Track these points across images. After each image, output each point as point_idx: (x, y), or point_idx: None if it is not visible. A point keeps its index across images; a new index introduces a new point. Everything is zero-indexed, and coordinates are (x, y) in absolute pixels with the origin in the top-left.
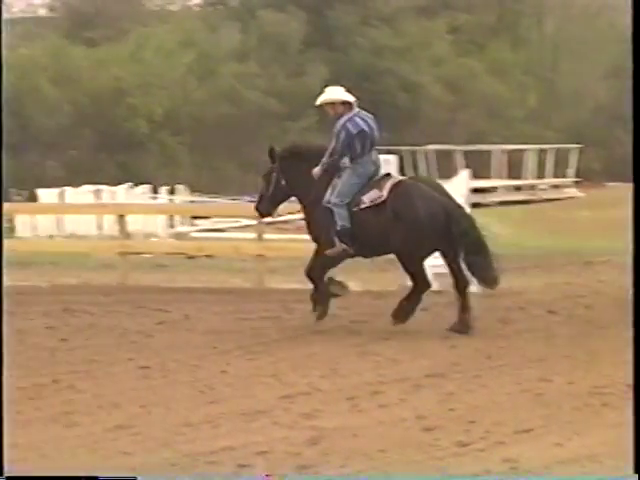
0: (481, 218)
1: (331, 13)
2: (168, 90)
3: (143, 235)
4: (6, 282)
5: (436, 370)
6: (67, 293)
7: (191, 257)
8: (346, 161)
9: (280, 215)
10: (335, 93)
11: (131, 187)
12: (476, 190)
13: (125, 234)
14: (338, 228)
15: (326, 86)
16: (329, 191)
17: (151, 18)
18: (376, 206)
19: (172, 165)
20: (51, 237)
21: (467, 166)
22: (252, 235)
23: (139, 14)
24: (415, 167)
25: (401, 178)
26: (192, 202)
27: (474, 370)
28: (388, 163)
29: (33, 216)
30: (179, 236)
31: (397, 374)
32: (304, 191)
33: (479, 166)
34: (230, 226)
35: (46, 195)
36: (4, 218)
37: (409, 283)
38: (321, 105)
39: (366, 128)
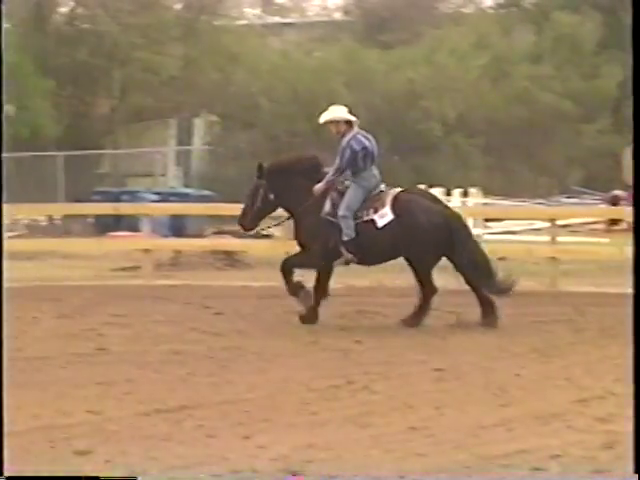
0: None
1: (626, 14)
2: (461, 93)
3: None
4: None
5: None
6: (361, 295)
7: None
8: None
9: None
10: (339, 112)
11: None
12: None
13: None
14: (345, 239)
15: (331, 105)
16: (328, 204)
17: (445, 21)
18: (380, 219)
19: (465, 168)
20: None
21: None
22: (545, 238)
23: (433, 17)
24: None
25: (398, 191)
26: (485, 204)
27: None
28: None
29: None
30: None
31: None
32: (294, 202)
33: None
34: (523, 229)
35: None
36: None
37: None
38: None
39: (368, 145)
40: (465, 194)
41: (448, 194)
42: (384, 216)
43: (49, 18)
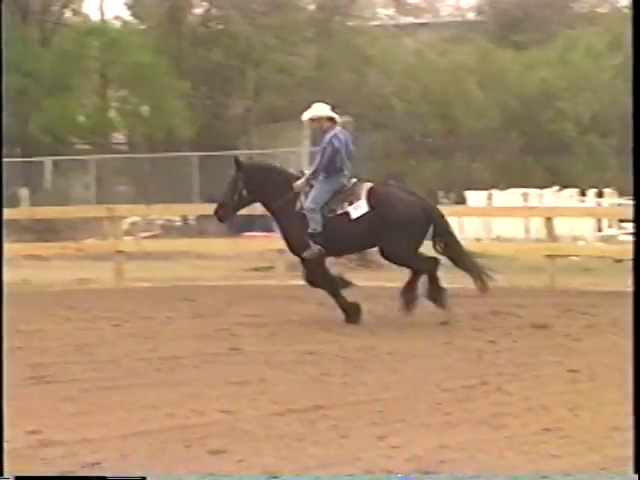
0: None
1: None
2: (596, 93)
3: (571, 238)
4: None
5: None
6: (495, 295)
7: (619, 261)
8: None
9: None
10: (322, 109)
11: (558, 190)
12: None
13: (553, 237)
14: (311, 231)
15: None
16: (302, 198)
17: (579, 21)
18: (355, 211)
19: (599, 168)
20: (478, 240)
21: None
22: None
23: (566, 17)
24: None
25: (371, 184)
26: (620, 205)
27: None
28: None
29: (460, 218)
30: (607, 239)
31: None
32: (272, 198)
33: None
34: None
35: (474, 197)
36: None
37: None
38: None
39: (348, 144)
40: (600, 195)
41: (582, 194)
42: (358, 208)
43: (184, 20)
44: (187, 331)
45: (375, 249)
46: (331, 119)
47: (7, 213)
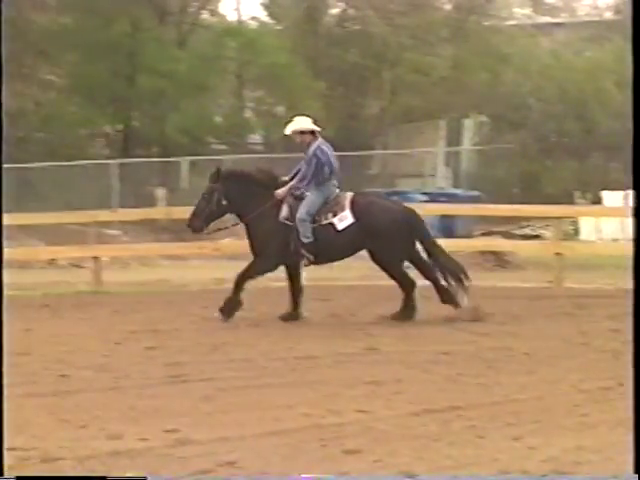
0: None
1: None
2: None
3: None
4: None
5: None
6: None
7: None
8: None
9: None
10: (304, 123)
11: None
12: None
13: None
14: (305, 241)
15: (294, 116)
16: (285, 209)
17: None
18: (340, 222)
19: None
20: (615, 240)
21: None
22: None
23: None
24: None
25: (353, 194)
26: None
27: None
28: None
29: (597, 219)
30: None
31: None
32: (248, 208)
33: None
34: None
35: (610, 198)
36: (569, 220)
37: None
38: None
39: (331, 156)
40: None
41: None
42: (344, 219)
43: (320, 20)
44: (323, 331)
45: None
46: (313, 132)
47: (144, 213)
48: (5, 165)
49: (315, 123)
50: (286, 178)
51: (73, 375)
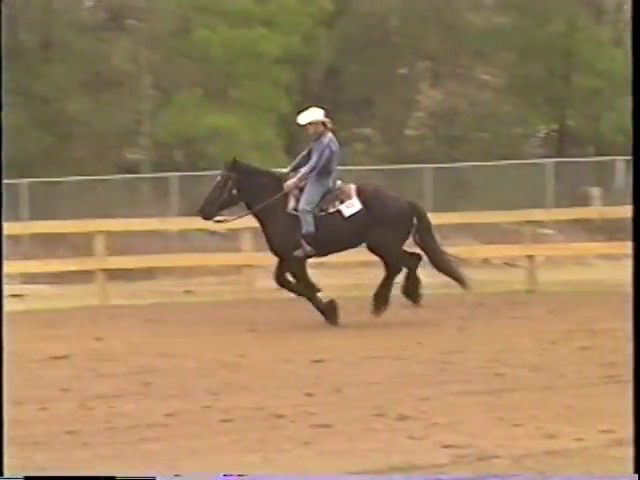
0: None
1: None
2: None
3: None
4: None
5: None
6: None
7: None
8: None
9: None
10: (318, 114)
11: None
12: None
13: None
14: (304, 232)
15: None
16: (292, 200)
17: None
18: (347, 209)
19: None
20: None
21: None
22: None
23: None
24: None
25: (355, 184)
26: None
27: None
28: None
29: None
30: None
31: None
32: (259, 199)
33: None
34: None
35: None
36: None
37: None
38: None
39: (338, 147)
40: None
41: None
42: (351, 206)
43: None
44: None
45: None
46: (324, 124)
47: (578, 212)
48: (440, 165)
49: (326, 115)
50: (286, 170)
51: (508, 374)
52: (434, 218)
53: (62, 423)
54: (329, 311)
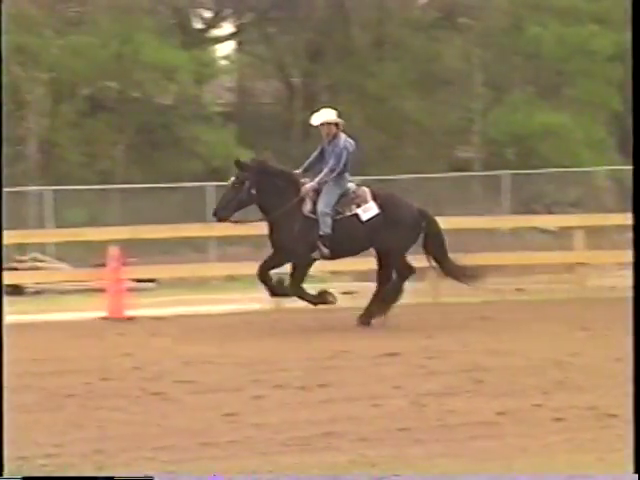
0: None
1: None
2: None
3: None
4: None
5: None
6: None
7: None
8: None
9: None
10: (332, 114)
11: None
12: None
13: None
14: (322, 234)
15: (320, 108)
16: (309, 203)
17: None
18: (365, 213)
19: None
20: None
21: None
22: None
23: None
24: None
25: (369, 188)
26: None
27: None
28: None
29: None
30: None
31: None
32: (276, 202)
33: None
34: None
35: None
36: None
37: None
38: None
39: (355, 147)
40: None
41: None
42: (368, 210)
43: None
44: None
45: None
46: (337, 125)
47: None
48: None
49: (339, 116)
50: (299, 171)
51: None
52: None
53: (394, 420)
54: (322, 298)
